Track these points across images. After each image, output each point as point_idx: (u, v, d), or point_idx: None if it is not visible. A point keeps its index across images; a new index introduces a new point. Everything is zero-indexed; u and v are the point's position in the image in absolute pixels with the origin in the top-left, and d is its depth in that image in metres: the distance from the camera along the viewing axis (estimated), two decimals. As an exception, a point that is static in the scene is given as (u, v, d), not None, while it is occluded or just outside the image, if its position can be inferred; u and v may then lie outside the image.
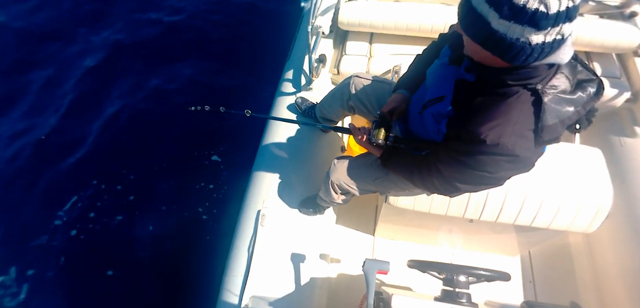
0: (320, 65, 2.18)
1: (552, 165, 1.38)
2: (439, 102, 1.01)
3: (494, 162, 0.86)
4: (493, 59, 0.79)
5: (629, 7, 2.11)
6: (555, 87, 0.81)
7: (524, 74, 0.79)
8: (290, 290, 1.62)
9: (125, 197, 2.80)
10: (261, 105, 2.37)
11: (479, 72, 0.89)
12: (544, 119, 0.80)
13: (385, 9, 2.21)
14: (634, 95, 2.05)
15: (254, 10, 4.15)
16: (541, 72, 0.79)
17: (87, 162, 2.98)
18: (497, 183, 0.96)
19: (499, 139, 0.82)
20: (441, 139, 1.03)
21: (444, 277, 1.33)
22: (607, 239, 1.81)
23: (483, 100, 0.88)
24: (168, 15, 4.12)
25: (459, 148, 0.92)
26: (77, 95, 3.42)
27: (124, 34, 3.92)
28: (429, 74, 1.15)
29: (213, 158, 3.00)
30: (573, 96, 0.82)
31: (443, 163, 0.99)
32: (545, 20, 0.67)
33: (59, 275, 2.48)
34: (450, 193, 1.08)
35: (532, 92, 0.81)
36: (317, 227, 1.82)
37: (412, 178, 1.14)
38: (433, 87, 1.08)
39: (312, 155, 1.99)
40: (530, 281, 1.94)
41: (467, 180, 0.97)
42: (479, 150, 0.86)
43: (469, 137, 0.87)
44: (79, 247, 2.60)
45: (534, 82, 0.80)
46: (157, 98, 3.39)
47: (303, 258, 1.69)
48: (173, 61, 3.69)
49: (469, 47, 0.85)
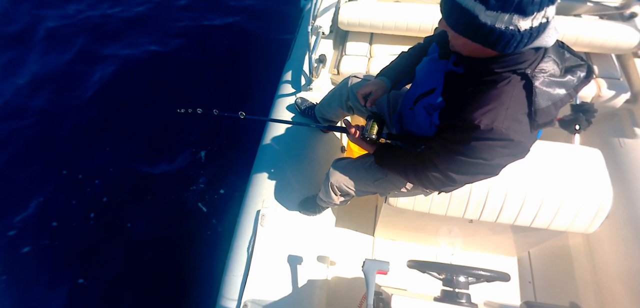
0: (320, 65, 2.18)
1: (552, 165, 1.38)
2: (429, 95, 1.03)
3: (488, 148, 0.87)
4: (483, 50, 0.81)
5: (629, 8, 2.12)
6: (544, 70, 0.82)
7: (511, 60, 0.81)
8: (289, 290, 1.62)
9: (125, 197, 2.80)
10: (261, 105, 2.37)
11: (467, 64, 0.91)
12: (536, 102, 0.81)
13: (385, 9, 2.21)
14: (633, 96, 2.06)
15: (253, 11, 4.16)
16: (528, 57, 0.81)
17: (80, 166, 2.98)
18: (493, 171, 0.95)
19: (493, 123, 0.82)
20: (434, 132, 1.03)
21: (443, 277, 1.32)
22: (607, 240, 1.81)
23: (474, 89, 0.89)
24: (166, 15, 4.12)
25: (453, 137, 0.92)
26: (71, 106, 3.40)
27: (119, 31, 3.93)
28: (419, 70, 1.16)
29: (213, 158, 3.00)
30: (563, 79, 0.84)
31: (438, 156, 0.98)
32: (531, 6, 0.69)
33: (58, 275, 2.48)
34: (445, 186, 1.07)
35: (522, 76, 0.83)
36: (316, 227, 1.81)
37: (406, 174, 1.13)
38: (423, 81, 1.09)
39: (311, 156, 1.99)
40: (530, 281, 1.94)
41: (462, 171, 0.97)
42: (474, 137, 0.86)
43: (463, 125, 0.88)
44: (79, 246, 2.60)
45: (522, 67, 0.82)
46: (158, 100, 3.39)
47: (303, 258, 1.69)
48: (172, 63, 3.69)
49: (456, 41, 0.86)
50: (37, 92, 3.47)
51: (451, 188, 1.12)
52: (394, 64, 1.35)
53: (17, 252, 2.57)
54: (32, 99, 3.41)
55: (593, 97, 2.02)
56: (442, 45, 1.04)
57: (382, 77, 1.31)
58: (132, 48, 3.81)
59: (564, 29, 2.01)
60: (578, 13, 2.21)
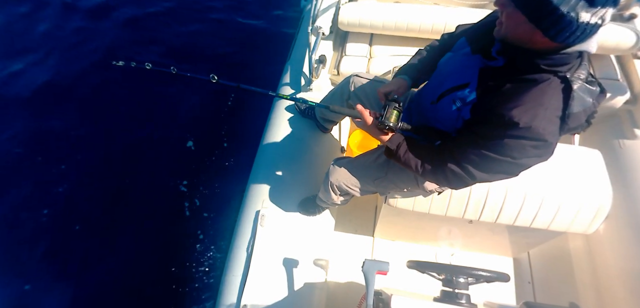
0: (320, 65, 2.18)
1: (552, 166, 1.38)
2: (461, 89, 1.00)
3: (521, 147, 0.86)
4: (532, 35, 0.79)
5: (628, 9, 2.12)
6: (580, 77, 0.82)
7: (557, 59, 0.80)
8: (289, 290, 1.62)
9: (124, 196, 2.80)
10: (261, 105, 2.37)
11: (511, 55, 0.89)
12: (571, 106, 0.81)
13: (385, 9, 2.21)
14: (633, 97, 2.06)
15: (253, 11, 4.16)
16: (571, 60, 0.81)
17: (75, 165, 2.98)
18: (515, 171, 0.94)
19: (532, 121, 0.81)
20: (460, 126, 1.01)
21: (443, 277, 1.32)
22: (607, 240, 1.81)
23: (512, 85, 0.88)
24: (164, 15, 4.12)
25: (486, 133, 0.91)
26: (55, 90, 3.41)
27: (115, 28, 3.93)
28: (444, 65, 1.13)
29: (213, 157, 3.00)
30: (592, 87, 0.84)
31: (461, 150, 0.97)
32: None
33: (56, 276, 2.48)
34: (461, 183, 1.04)
35: (562, 79, 0.82)
36: (316, 227, 1.81)
37: (421, 168, 1.08)
38: (453, 76, 1.05)
39: (311, 156, 1.99)
40: (530, 282, 1.94)
41: (485, 168, 0.95)
42: (509, 134, 0.85)
43: (499, 121, 0.86)
44: (77, 247, 2.59)
45: (564, 70, 0.81)
46: (156, 101, 3.39)
47: (302, 258, 1.69)
48: (170, 65, 3.69)
49: (508, 22, 0.83)
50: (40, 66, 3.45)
51: (466, 185, 1.08)
52: (413, 62, 1.31)
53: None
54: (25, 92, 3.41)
55: (593, 98, 2.02)
56: (474, 40, 1.03)
57: (402, 75, 1.28)
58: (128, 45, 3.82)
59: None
60: None
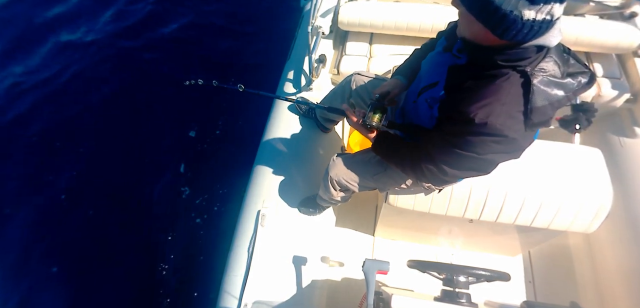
0: (320, 65, 2.18)
1: (552, 165, 1.39)
2: (432, 88, 1.03)
3: (482, 143, 0.87)
4: (485, 33, 0.81)
5: (629, 7, 2.12)
6: (544, 70, 0.82)
7: (514, 54, 0.81)
8: (290, 290, 1.62)
9: (124, 196, 2.80)
10: (261, 105, 2.37)
11: (470, 51, 0.91)
12: (532, 100, 0.81)
13: (385, 9, 2.21)
14: (633, 96, 2.06)
15: (253, 11, 4.15)
16: (530, 54, 0.81)
17: (75, 152, 2.99)
18: (485, 168, 0.96)
19: (487, 118, 0.83)
20: (434, 124, 1.04)
21: (443, 277, 1.33)
22: (607, 239, 1.81)
23: (474, 82, 0.89)
24: (164, 16, 4.12)
25: (450, 129, 0.93)
26: (66, 75, 3.45)
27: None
28: (424, 64, 1.17)
29: (213, 158, 3.00)
30: (563, 80, 0.84)
31: (434, 147, 0.99)
32: None
33: (56, 276, 2.48)
34: (438, 180, 1.07)
35: (521, 74, 0.83)
36: (317, 227, 1.81)
37: (403, 165, 1.13)
38: (427, 75, 1.10)
39: (312, 155, 1.99)
40: (530, 281, 1.94)
41: (456, 164, 0.97)
42: (468, 130, 0.87)
43: (459, 117, 0.88)
44: (76, 247, 2.60)
45: (523, 64, 0.82)
46: (156, 101, 3.39)
47: (303, 258, 1.69)
48: (170, 67, 3.68)
49: (462, 21, 0.87)
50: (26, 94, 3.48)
51: (444, 182, 1.12)
52: (408, 62, 1.35)
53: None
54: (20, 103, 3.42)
55: (593, 97, 2.02)
56: (448, 37, 1.05)
57: (398, 76, 1.31)
58: (128, 53, 3.81)
59: (564, 28, 1.99)
60: (578, 13, 2.21)
